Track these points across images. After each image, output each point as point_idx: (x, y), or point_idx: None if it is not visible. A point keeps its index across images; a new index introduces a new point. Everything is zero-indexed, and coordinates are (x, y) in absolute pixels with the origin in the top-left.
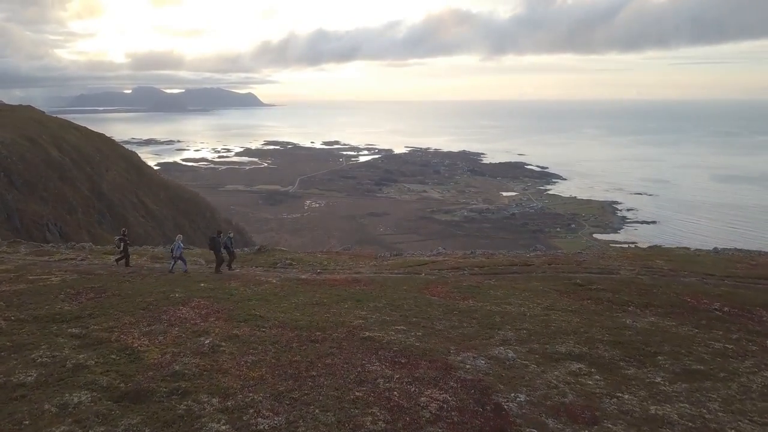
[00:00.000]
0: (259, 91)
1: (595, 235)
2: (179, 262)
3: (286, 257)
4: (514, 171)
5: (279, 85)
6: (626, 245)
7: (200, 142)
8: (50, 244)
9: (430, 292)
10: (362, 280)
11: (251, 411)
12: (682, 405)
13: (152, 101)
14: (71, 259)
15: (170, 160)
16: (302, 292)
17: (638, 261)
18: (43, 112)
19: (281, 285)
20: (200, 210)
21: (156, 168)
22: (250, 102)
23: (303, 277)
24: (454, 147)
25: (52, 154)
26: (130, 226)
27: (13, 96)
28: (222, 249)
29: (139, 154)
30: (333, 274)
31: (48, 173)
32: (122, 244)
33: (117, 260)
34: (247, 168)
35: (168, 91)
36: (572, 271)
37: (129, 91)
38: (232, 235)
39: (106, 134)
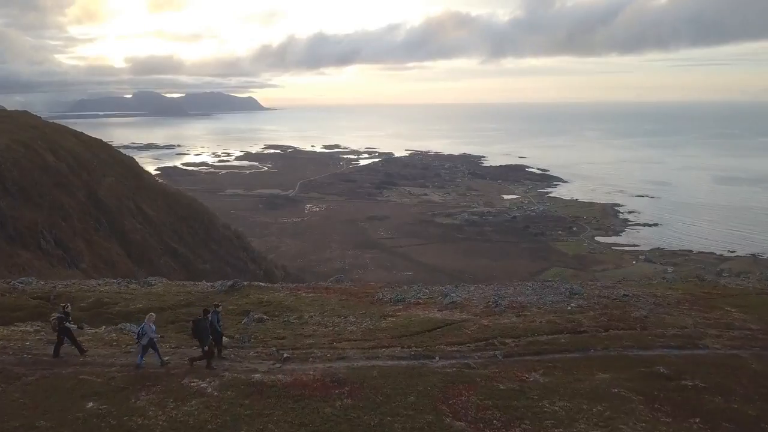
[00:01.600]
0: (260, 95)
1: (597, 238)
2: (150, 351)
3: (261, 300)
4: (514, 174)
5: (279, 89)
6: (629, 248)
7: (200, 146)
8: None
9: (451, 410)
10: (346, 381)
11: None
12: None
13: (153, 106)
14: None
15: (170, 164)
16: (247, 420)
17: (706, 310)
18: (40, 118)
19: (218, 401)
20: (198, 216)
21: (156, 173)
22: (250, 106)
23: (257, 376)
24: (455, 150)
25: (48, 160)
26: (126, 233)
27: (14, 101)
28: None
29: (139, 159)
30: (305, 363)
31: (43, 179)
32: (60, 325)
33: (55, 351)
34: (248, 172)
35: (168, 95)
36: (642, 345)
37: (129, 96)
38: (220, 309)
39: (107, 139)
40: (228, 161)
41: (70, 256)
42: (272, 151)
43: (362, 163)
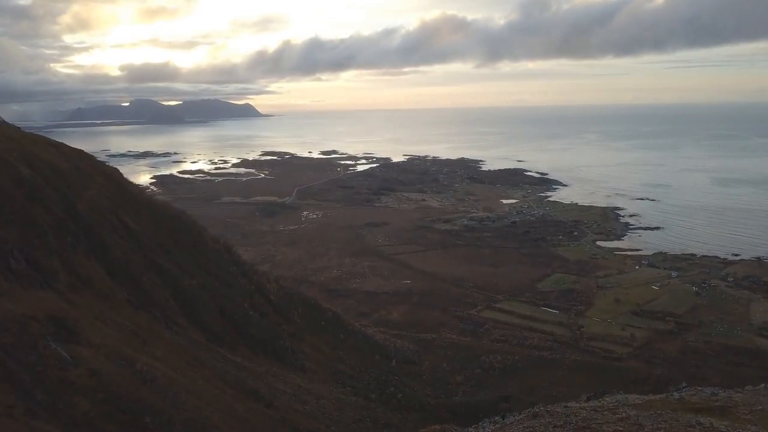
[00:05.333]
0: (257, 102)
1: (598, 243)
2: None
3: None
4: (513, 178)
5: (276, 95)
6: (631, 252)
7: (197, 153)
8: None
9: None
10: None
11: None
12: None
13: (150, 114)
14: None
15: (167, 172)
16: None
17: None
18: (19, 129)
19: None
20: (186, 228)
21: (152, 181)
22: (248, 112)
23: None
24: (453, 154)
25: (23, 173)
26: (107, 249)
27: (11, 111)
28: None
29: (136, 167)
30: None
31: (16, 194)
32: None
33: None
34: (244, 179)
35: (166, 103)
36: None
37: (127, 104)
38: None
39: (103, 147)
40: (225, 168)
41: (44, 275)
42: (269, 157)
43: (360, 168)
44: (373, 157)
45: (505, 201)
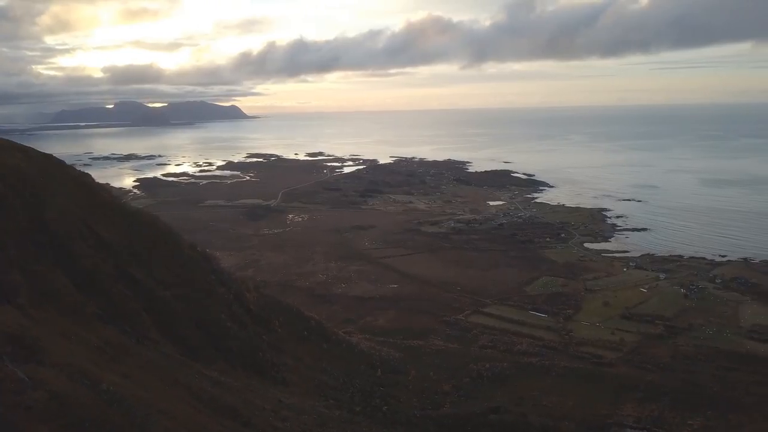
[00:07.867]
0: (243, 103)
1: (585, 245)
2: None
3: None
4: (500, 179)
5: (263, 96)
6: (619, 254)
7: (182, 156)
8: None
9: None
10: None
11: None
12: None
13: (135, 116)
14: None
15: (150, 175)
16: None
17: None
18: None
19: None
20: (161, 236)
21: (135, 184)
22: (234, 114)
23: None
24: (440, 156)
25: None
26: (75, 259)
27: None
28: None
29: (119, 170)
30: None
31: None
32: None
33: None
34: (229, 182)
35: (151, 105)
36: None
37: (111, 106)
38: None
39: (86, 150)
40: (209, 171)
41: (3, 290)
42: (255, 159)
43: (346, 170)
44: (360, 159)
45: (492, 203)
